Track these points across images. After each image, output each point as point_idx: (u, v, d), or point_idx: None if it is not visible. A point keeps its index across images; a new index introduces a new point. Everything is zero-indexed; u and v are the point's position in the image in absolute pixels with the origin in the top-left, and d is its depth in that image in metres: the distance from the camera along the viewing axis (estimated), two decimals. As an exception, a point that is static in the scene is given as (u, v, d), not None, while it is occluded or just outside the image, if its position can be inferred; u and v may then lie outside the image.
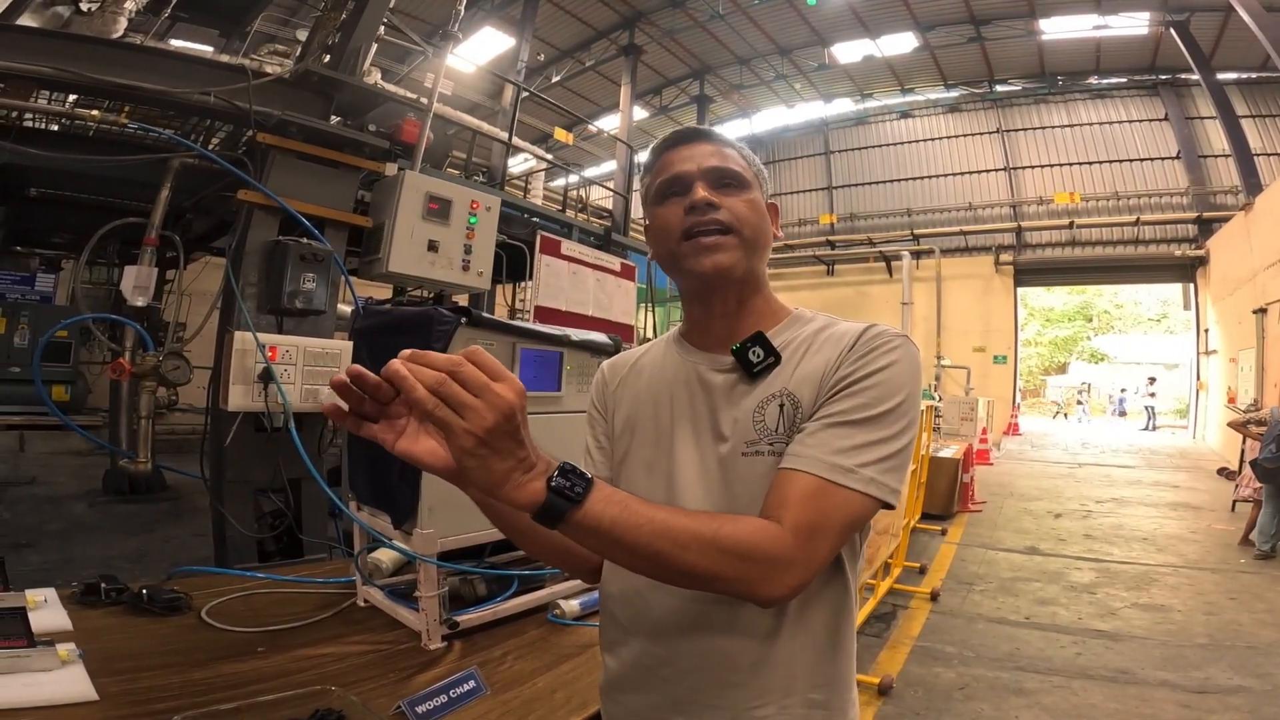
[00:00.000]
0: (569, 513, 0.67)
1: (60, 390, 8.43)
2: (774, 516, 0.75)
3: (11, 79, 2.90)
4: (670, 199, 0.92)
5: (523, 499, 0.65)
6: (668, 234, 0.92)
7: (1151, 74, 16.00)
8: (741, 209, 0.91)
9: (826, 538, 0.76)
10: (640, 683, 0.92)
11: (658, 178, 0.95)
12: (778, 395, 0.87)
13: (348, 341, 2.91)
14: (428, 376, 0.61)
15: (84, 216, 4.42)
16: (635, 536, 0.69)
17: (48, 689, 1.17)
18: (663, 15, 15.52)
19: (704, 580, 0.73)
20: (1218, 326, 14.18)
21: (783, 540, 0.73)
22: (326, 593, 1.90)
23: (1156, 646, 4.01)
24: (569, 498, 0.66)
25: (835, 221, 19.85)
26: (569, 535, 0.69)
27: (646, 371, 1.02)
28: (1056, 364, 34.29)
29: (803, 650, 0.86)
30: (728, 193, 0.91)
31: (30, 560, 3.97)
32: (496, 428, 0.61)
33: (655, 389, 0.98)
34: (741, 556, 0.72)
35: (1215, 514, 7.82)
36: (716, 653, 0.86)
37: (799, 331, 0.93)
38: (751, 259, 0.91)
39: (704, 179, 0.91)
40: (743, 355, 0.90)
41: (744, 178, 0.93)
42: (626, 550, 0.71)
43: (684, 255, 0.90)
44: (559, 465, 0.68)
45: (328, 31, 3.80)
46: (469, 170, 8.08)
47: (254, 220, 3.09)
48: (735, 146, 0.96)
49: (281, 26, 7.77)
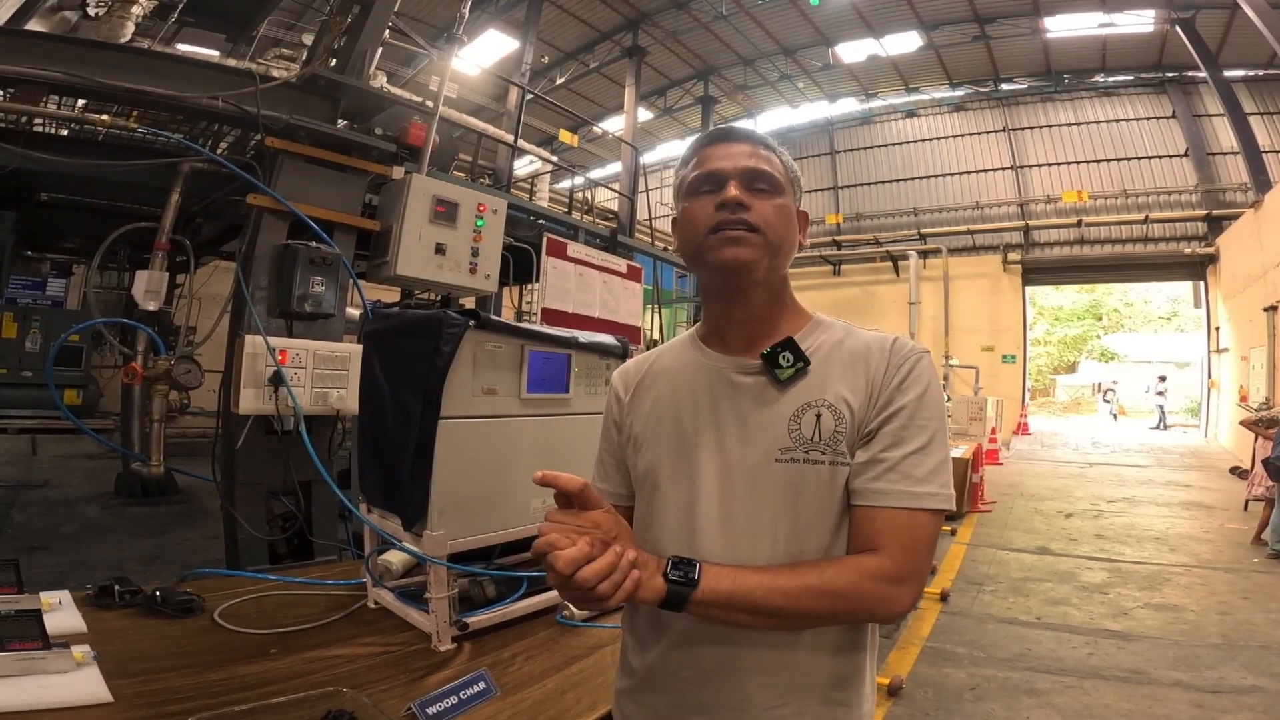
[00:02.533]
0: (689, 596, 0.77)
1: (72, 394, 8.50)
2: (873, 549, 0.83)
3: (22, 84, 2.92)
4: (702, 194, 0.93)
5: (649, 596, 0.77)
6: (695, 228, 0.93)
7: (1158, 71, 15.89)
8: (770, 213, 0.91)
9: (925, 554, 0.84)
10: (662, 684, 0.93)
11: (694, 172, 0.95)
12: (814, 405, 0.87)
13: (357, 345, 2.92)
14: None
15: (94, 221, 4.45)
16: (753, 601, 0.79)
17: (63, 691, 1.18)
18: (666, 16, 15.53)
19: (826, 620, 0.84)
20: (1229, 324, 14.06)
21: (886, 569, 0.81)
22: (337, 595, 1.91)
23: (1170, 646, 3.98)
24: (686, 583, 0.78)
25: (841, 221, 19.79)
26: (694, 614, 0.80)
27: (665, 376, 1.01)
28: (1066, 363, 34.09)
29: (822, 650, 0.87)
30: (760, 195, 0.91)
31: (44, 563, 4.00)
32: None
33: (676, 393, 0.98)
34: (851, 597, 0.81)
35: (1228, 513, 7.75)
36: (738, 656, 0.87)
37: (823, 338, 0.93)
38: (774, 260, 0.92)
39: (738, 179, 0.91)
40: (773, 360, 0.90)
41: (778, 182, 0.93)
42: (748, 614, 0.80)
43: (708, 248, 0.91)
44: (670, 560, 0.79)
45: (333, 36, 3.83)
46: (475, 173, 8.11)
47: (263, 224, 3.11)
48: (776, 150, 0.97)
49: (287, 31, 7.82)
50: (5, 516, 5.02)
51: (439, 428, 1.65)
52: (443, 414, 1.65)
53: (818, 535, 0.86)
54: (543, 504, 2.00)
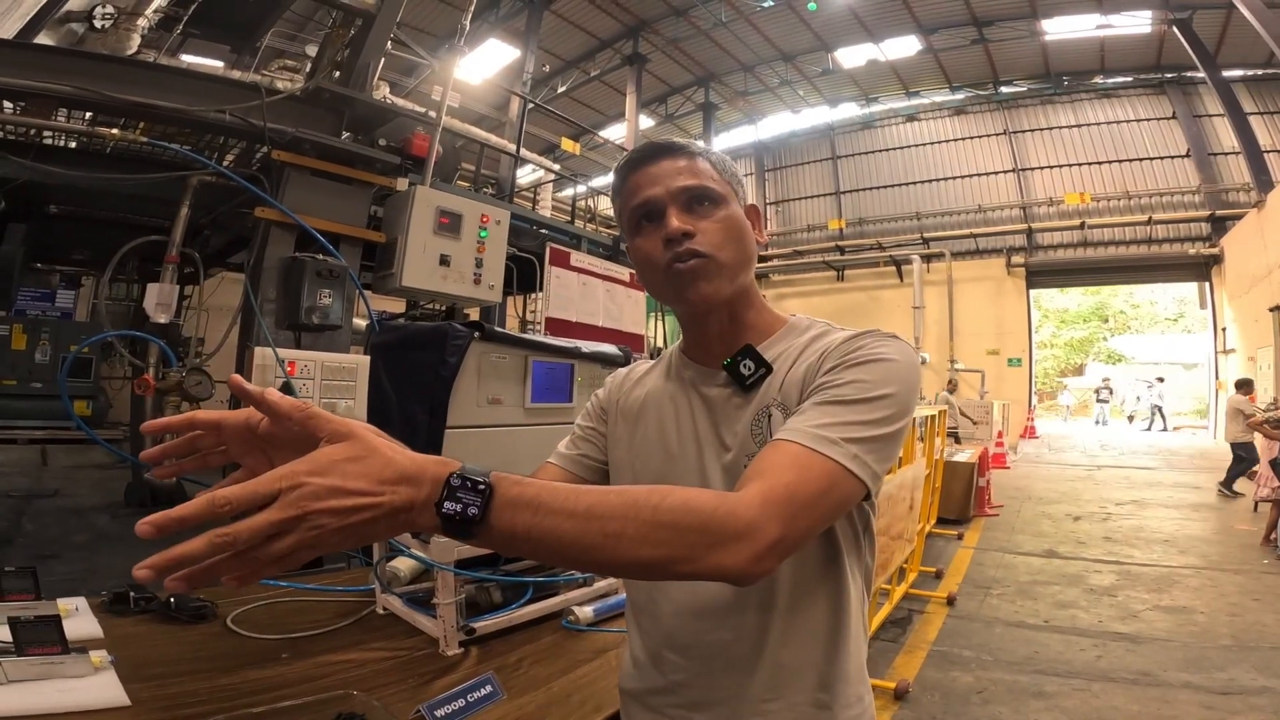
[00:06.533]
0: (473, 531, 0.59)
1: (82, 405, 8.55)
2: (746, 485, 0.69)
3: (33, 97, 2.98)
4: (645, 228, 0.90)
5: (428, 525, 0.58)
6: (651, 268, 0.90)
7: (1157, 72, 15.90)
8: (718, 233, 0.88)
9: (805, 505, 0.68)
10: (660, 683, 0.95)
11: (628, 203, 0.91)
12: (771, 405, 0.88)
13: (364, 356, 2.95)
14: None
15: (103, 233, 4.50)
16: (557, 539, 0.60)
17: (81, 695, 1.20)
18: (666, 24, 15.64)
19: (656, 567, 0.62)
20: (1235, 325, 14.00)
21: (748, 504, 0.65)
22: (346, 600, 1.93)
23: (1179, 648, 3.96)
24: (467, 519, 0.58)
25: (844, 226, 19.80)
26: (490, 548, 0.65)
27: (647, 387, 1.03)
28: (1073, 365, 33.92)
29: (807, 650, 0.88)
30: (702, 213, 0.89)
31: (56, 570, 4.03)
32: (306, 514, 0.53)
33: (659, 405, 0.99)
34: (691, 529, 0.62)
35: (1238, 514, 7.71)
36: (725, 655, 0.89)
37: (793, 341, 0.92)
38: (736, 278, 0.90)
39: (675, 202, 0.88)
40: (734, 369, 0.90)
41: (716, 193, 0.90)
42: (552, 555, 0.62)
43: (670, 285, 0.89)
44: (445, 481, 0.58)
45: (337, 48, 3.88)
46: (478, 182, 8.17)
47: (271, 237, 3.16)
48: (704, 154, 0.93)
49: (290, 41, 7.90)
50: (16, 525, 5.07)
51: (445, 437, 1.68)
52: (449, 423, 1.68)
53: None
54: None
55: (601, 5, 14.88)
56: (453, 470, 0.59)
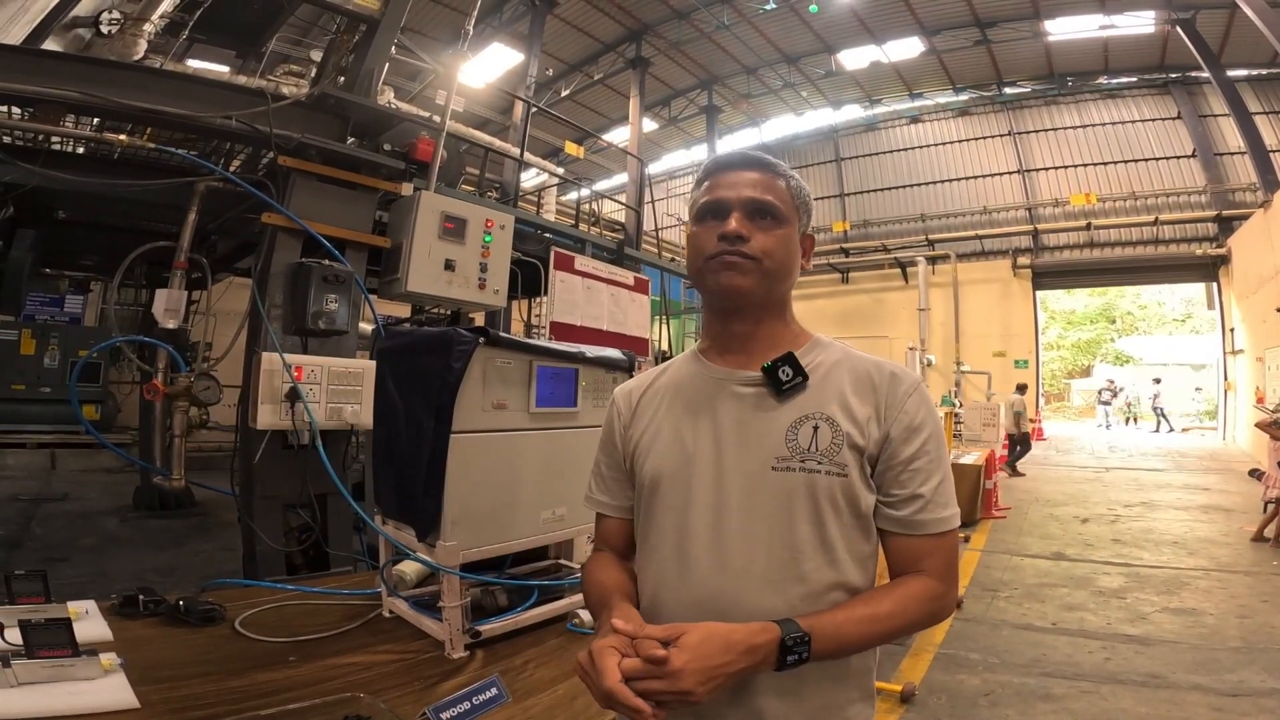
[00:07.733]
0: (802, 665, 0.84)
1: (91, 409, 8.62)
2: (918, 571, 0.93)
3: (41, 103, 3.00)
4: (708, 220, 0.98)
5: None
6: (699, 253, 0.98)
7: (1161, 72, 15.87)
8: (769, 243, 0.96)
9: (955, 564, 0.96)
10: None
11: (703, 197, 1.00)
12: (812, 417, 0.92)
13: (370, 361, 2.97)
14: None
15: (111, 238, 4.53)
16: (857, 645, 0.89)
17: (91, 697, 1.22)
18: (669, 27, 15.67)
19: (897, 638, 0.95)
20: (1243, 325, 13.91)
21: (935, 588, 0.92)
22: (353, 604, 1.94)
23: (1188, 650, 3.93)
24: (803, 661, 0.83)
25: (849, 229, 19.79)
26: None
27: (665, 389, 1.06)
28: (1080, 367, 33.74)
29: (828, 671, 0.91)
30: (762, 225, 0.96)
31: (65, 574, 4.06)
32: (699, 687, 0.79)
33: (678, 404, 1.02)
34: (932, 617, 0.93)
35: (1247, 516, 7.64)
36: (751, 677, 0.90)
37: (822, 357, 0.98)
38: (770, 286, 0.97)
39: (741, 209, 0.96)
40: (773, 373, 0.94)
41: (782, 212, 0.97)
42: (854, 651, 0.90)
43: (708, 272, 0.97)
44: (779, 642, 0.82)
45: (341, 54, 3.90)
46: (482, 187, 8.19)
47: (278, 243, 3.17)
48: (785, 176, 1.00)
49: (295, 46, 7.95)
50: (26, 529, 5.11)
51: (451, 442, 1.68)
52: (454, 428, 1.69)
53: (810, 543, 0.90)
54: (552, 515, 2.04)
55: (604, 9, 14.93)
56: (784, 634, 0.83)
